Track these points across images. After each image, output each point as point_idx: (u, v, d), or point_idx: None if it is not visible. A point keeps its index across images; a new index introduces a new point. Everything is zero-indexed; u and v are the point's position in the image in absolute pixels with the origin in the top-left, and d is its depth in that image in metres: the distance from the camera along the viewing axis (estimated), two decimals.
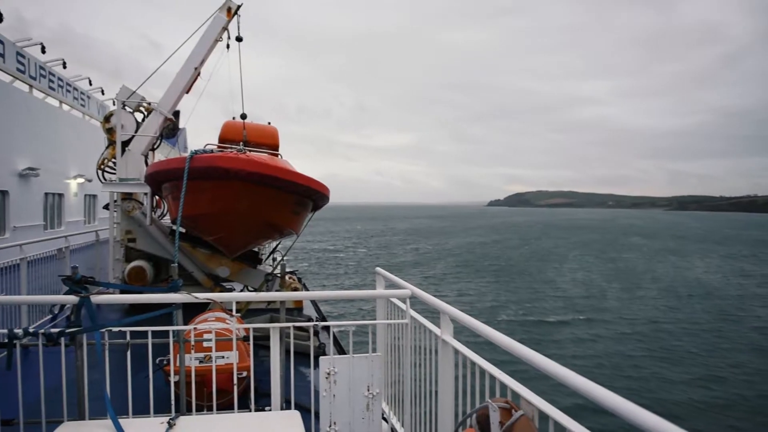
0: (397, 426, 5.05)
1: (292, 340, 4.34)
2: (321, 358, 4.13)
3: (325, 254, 59.08)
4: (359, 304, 26.22)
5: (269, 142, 11.96)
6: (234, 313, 4.99)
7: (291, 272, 16.42)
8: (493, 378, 2.97)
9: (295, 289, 10.99)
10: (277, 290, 9.48)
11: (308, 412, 4.35)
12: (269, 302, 8.91)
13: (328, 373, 4.06)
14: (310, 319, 9.29)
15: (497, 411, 2.46)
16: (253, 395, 4.43)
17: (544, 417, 2.34)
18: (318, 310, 11.97)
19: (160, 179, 9.41)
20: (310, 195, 9.59)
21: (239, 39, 11.37)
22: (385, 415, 5.12)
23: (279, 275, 9.55)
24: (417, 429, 4.54)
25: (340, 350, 8.65)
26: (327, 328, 9.93)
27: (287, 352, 4.38)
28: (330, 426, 4.07)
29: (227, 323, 5.01)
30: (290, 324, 4.33)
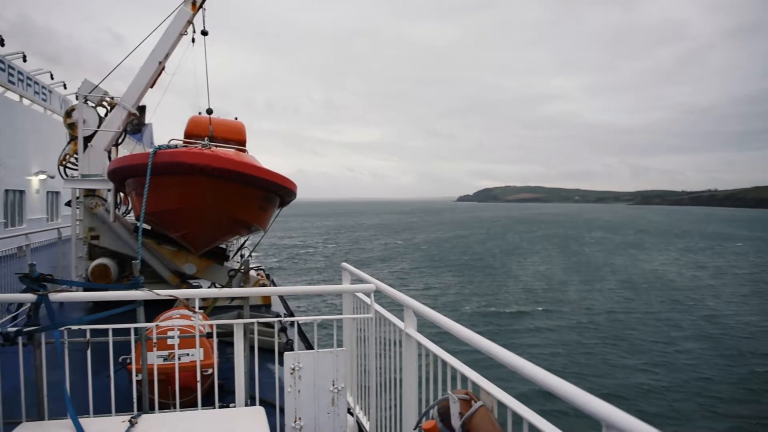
0: (363, 419, 5.05)
1: (256, 336, 4.28)
2: (285, 353, 4.13)
3: (294, 250, 59.00)
4: (330, 299, 26.31)
5: (236, 137, 11.85)
6: (199, 310, 4.78)
7: (259, 269, 16.32)
8: (455, 370, 3.01)
9: (263, 286, 10.98)
10: (240, 286, 9.48)
11: (273, 407, 4.33)
12: (233, 299, 8.85)
13: (293, 369, 4.07)
14: (277, 316, 9.29)
15: (457, 402, 2.51)
16: (217, 392, 4.41)
17: (503, 407, 2.41)
18: (286, 307, 11.87)
19: (123, 175, 9.23)
20: (276, 191, 9.53)
21: (204, 33, 11.11)
22: (351, 409, 5.15)
23: (242, 271, 9.56)
24: (382, 422, 4.55)
25: (309, 346, 8.40)
26: (293, 324, 9.94)
27: (252, 348, 4.33)
28: (295, 421, 4.09)
29: (192, 320, 4.93)
30: (254, 320, 4.30)
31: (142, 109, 11.55)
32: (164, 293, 3.99)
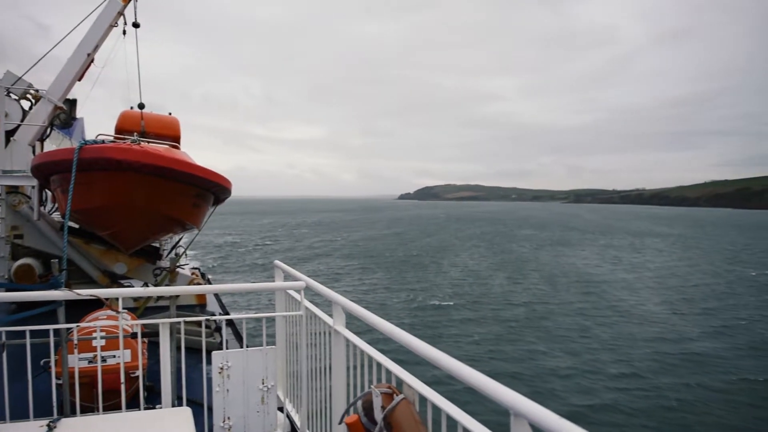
0: (295, 416, 5.07)
1: (182, 336, 4.24)
2: (214, 352, 4.12)
3: (233, 249, 58.22)
4: (269, 298, 26.10)
5: (170, 133, 11.58)
6: (124, 310, 4.66)
7: (194, 268, 15.99)
8: (380, 365, 3.08)
9: (198, 285, 10.82)
10: (166, 285, 9.19)
11: (202, 407, 4.30)
12: (160, 298, 8.80)
13: (221, 368, 4.07)
14: (212, 314, 9.17)
15: (379, 396, 2.57)
16: (142, 394, 4.34)
17: (424, 399, 2.50)
18: (222, 306, 11.77)
19: (47, 171, 8.90)
20: (210, 188, 9.39)
21: (136, 25, 10.76)
22: (282, 406, 5.21)
23: (168, 269, 9.30)
24: (313, 418, 4.58)
25: (241, 345, 8.33)
26: (230, 324, 9.80)
27: (179, 348, 4.31)
28: (224, 421, 4.08)
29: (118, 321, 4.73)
30: (180, 320, 4.24)
31: (72, 103, 11.13)
32: (85, 293, 3.90)
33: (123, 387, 4.14)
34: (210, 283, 14.85)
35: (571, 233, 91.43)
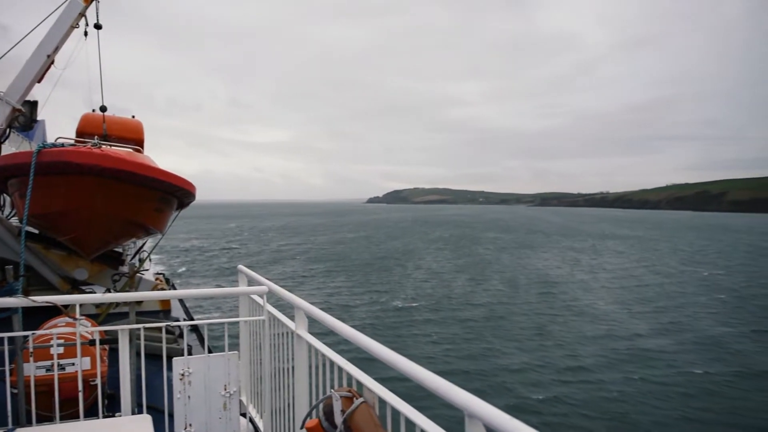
0: (258, 421, 5.07)
1: (142, 342, 4.19)
2: (174, 359, 4.07)
3: (199, 253, 57.66)
4: (234, 302, 26.01)
5: (132, 136, 11.41)
6: (82, 316, 4.65)
7: (159, 273, 15.81)
8: (341, 369, 3.09)
9: (161, 290, 10.76)
10: (117, 290, 9.22)
11: (162, 415, 4.23)
12: (118, 304, 8.53)
13: (183, 374, 4.03)
14: (176, 320, 9.16)
15: (339, 400, 2.58)
16: (101, 402, 4.30)
17: (384, 403, 2.54)
18: (187, 312, 11.68)
19: (5, 175, 8.72)
20: (173, 192, 9.29)
21: (98, 27, 10.47)
22: (247, 412, 5.20)
23: (126, 275, 9.28)
24: (277, 423, 4.58)
25: (209, 350, 8.20)
26: (195, 330, 9.77)
27: (139, 354, 4.26)
28: (185, 428, 4.04)
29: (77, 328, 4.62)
30: (140, 325, 4.20)
31: (32, 105, 10.91)
32: (41, 300, 3.83)
33: (81, 395, 4.06)
34: (174, 289, 14.75)
35: (534, 236, 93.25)
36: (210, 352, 5.88)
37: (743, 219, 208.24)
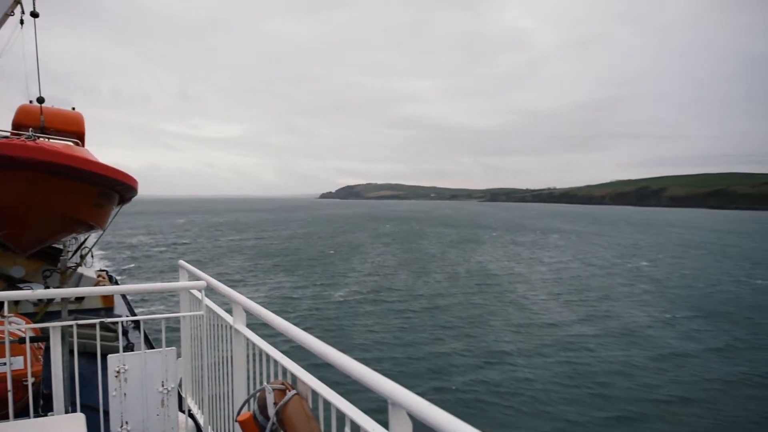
0: (199, 417, 5.05)
1: (75, 340, 4.09)
2: (109, 356, 4.00)
3: (146, 249, 56.54)
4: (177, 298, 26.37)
5: (72, 129, 11.30)
6: (9, 314, 4.39)
7: (101, 270, 15.76)
8: (277, 362, 3.12)
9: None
10: (57, 287, 8.83)
11: (97, 413, 4.13)
12: (49, 301, 8.42)
13: (118, 371, 3.97)
14: (117, 317, 9.26)
15: (272, 393, 2.66)
16: (31, 401, 4.15)
17: (317, 394, 2.59)
18: (130, 308, 11.50)
19: None
20: (114, 186, 9.06)
21: (35, 15, 9.89)
22: (188, 408, 5.25)
23: (58, 270, 8.80)
24: (217, 417, 4.58)
25: (150, 347, 7.95)
26: (138, 327, 9.85)
27: (72, 352, 4.22)
28: (122, 426, 3.98)
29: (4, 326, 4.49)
30: (72, 322, 4.13)
31: None
32: None
33: (10, 395, 3.95)
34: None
35: (480, 231, 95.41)
36: (152, 348, 5.76)
37: (679, 214, 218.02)
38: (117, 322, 4.61)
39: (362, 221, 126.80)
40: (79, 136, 11.22)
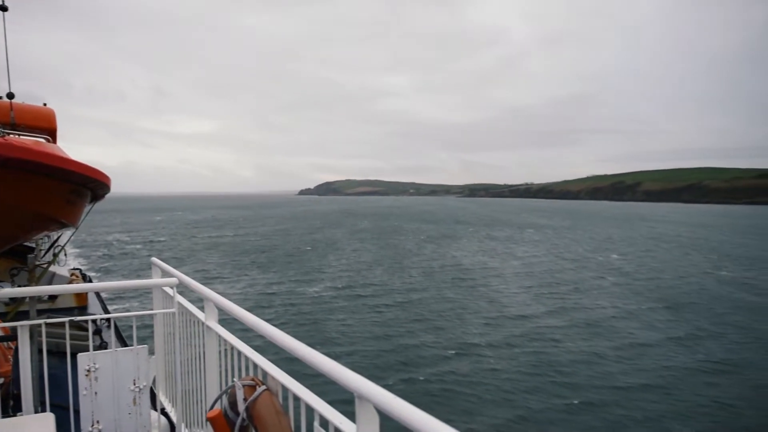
0: (173, 415, 5.02)
1: (44, 338, 4.07)
2: (79, 355, 3.95)
3: (121, 248, 56.19)
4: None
5: (44, 125, 10.95)
6: None
7: (74, 269, 15.70)
8: (248, 358, 3.13)
9: None
10: (24, 284, 8.29)
11: (67, 412, 4.09)
12: (21, 300, 8.16)
13: (88, 370, 3.93)
14: (92, 315, 9.37)
15: (242, 389, 2.67)
16: (0, 401, 4.14)
17: (287, 390, 2.63)
18: (104, 307, 11.54)
19: None
20: (86, 183, 8.25)
21: (4, 8, 9.95)
22: (162, 406, 5.13)
23: (26, 268, 8.39)
24: (190, 414, 4.59)
25: (124, 345, 8.06)
26: (115, 326, 10.03)
27: (41, 351, 4.13)
28: (93, 425, 3.94)
29: None
30: (41, 321, 4.10)
31: None
32: None
33: None
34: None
35: (457, 226, 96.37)
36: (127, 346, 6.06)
37: (653, 208, 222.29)
38: (88, 321, 4.50)
39: (340, 217, 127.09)
40: (50, 133, 11.04)
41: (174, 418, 4.94)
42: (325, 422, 2.24)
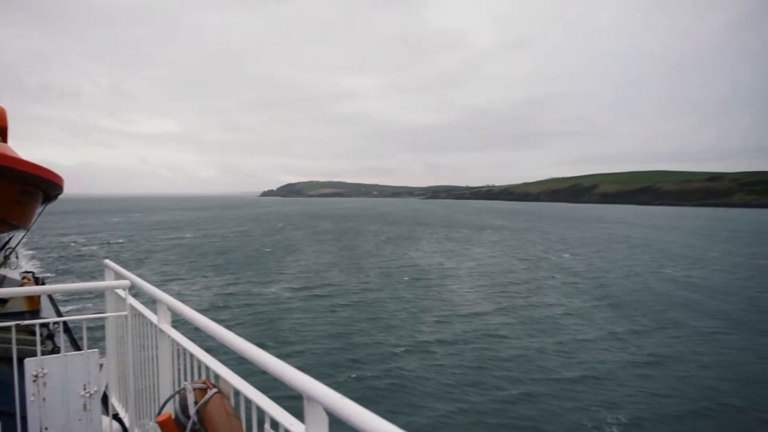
0: (126, 420, 4.95)
1: None
2: (26, 360, 3.86)
3: (76, 250, 54.95)
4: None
5: None
6: None
7: (27, 272, 15.57)
8: (200, 361, 3.11)
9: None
10: None
11: (14, 419, 3.96)
12: None
13: (36, 376, 3.82)
14: (43, 319, 9.33)
15: (192, 392, 2.64)
16: None
17: (239, 393, 2.64)
18: (57, 311, 11.43)
19: None
20: (37, 184, 8.73)
21: None
22: (114, 411, 5.10)
23: None
24: (143, 418, 4.52)
25: (78, 349, 7.49)
26: (66, 331, 9.38)
27: None
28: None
29: None
30: None
31: None
32: None
33: None
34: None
35: (417, 227, 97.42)
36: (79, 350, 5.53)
37: (609, 210, 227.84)
38: (36, 325, 4.34)
39: (301, 219, 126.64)
40: (1, 131, 10.84)
41: (127, 423, 4.89)
42: (275, 424, 2.26)
